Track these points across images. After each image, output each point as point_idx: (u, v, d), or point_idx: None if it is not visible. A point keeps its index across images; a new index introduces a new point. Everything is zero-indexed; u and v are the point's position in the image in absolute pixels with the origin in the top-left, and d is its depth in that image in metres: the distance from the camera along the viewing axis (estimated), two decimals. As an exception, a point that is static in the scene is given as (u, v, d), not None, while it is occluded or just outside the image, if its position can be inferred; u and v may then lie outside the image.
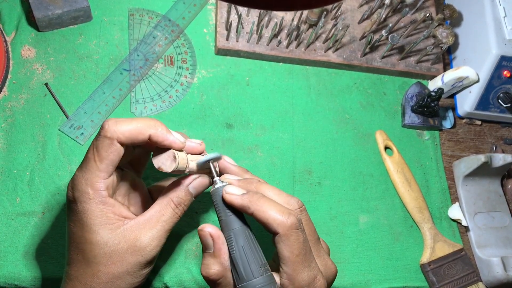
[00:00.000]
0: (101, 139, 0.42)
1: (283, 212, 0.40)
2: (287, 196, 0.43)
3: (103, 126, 0.42)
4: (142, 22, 0.66)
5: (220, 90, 0.66)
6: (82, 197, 0.41)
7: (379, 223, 0.65)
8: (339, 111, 0.69)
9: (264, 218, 0.40)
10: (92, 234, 0.41)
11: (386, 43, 0.72)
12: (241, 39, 0.67)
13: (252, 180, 0.45)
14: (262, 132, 0.65)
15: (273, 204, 0.41)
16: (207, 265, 0.42)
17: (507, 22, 0.68)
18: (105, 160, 0.42)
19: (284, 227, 0.40)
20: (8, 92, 0.59)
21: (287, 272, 0.40)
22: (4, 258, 0.53)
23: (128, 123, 0.42)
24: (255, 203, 0.41)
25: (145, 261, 0.42)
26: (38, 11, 0.59)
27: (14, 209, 0.55)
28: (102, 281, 0.41)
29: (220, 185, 0.44)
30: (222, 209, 0.43)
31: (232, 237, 0.42)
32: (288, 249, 0.40)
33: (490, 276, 0.63)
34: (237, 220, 0.42)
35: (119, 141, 0.42)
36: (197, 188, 0.45)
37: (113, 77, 0.62)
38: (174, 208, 0.44)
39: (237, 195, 0.42)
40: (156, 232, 0.42)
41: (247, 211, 0.41)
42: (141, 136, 0.42)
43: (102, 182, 0.42)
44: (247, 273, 0.40)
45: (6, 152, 0.57)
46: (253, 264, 0.41)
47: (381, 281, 0.62)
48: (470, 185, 0.69)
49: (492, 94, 0.71)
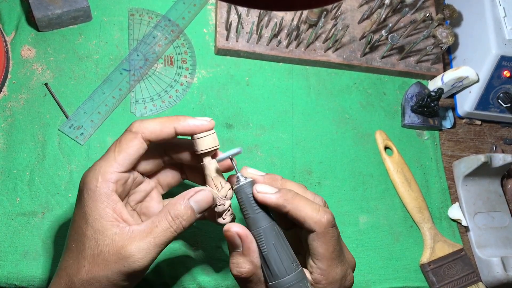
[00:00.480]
0: (125, 134, 0.43)
1: (318, 211, 0.41)
2: (311, 193, 0.44)
3: (131, 124, 0.43)
4: (142, 22, 0.66)
5: (220, 90, 0.66)
6: (90, 183, 0.41)
7: (379, 223, 0.65)
8: (339, 111, 0.69)
9: (301, 217, 0.40)
10: (87, 226, 0.41)
11: (386, 43, 0.72)
12: (241, 39, 0.67)
13: (275, 176, 0.44)
14: (262, 132, 0.65)
15: (307, 202, 0.41)
16: (237, 263, 0.41)
17: (507, 22, 0.68)
18: (123, 153, 0.42)
19: (321, 225, 0.40)
20: (8, 92, 0.59)
21: (321, 268, 0.41)
22: (4, 258, 0.53)
23: (153, 119, 0.43)
24: (291, 202, 0.41)
25: (126, 272, 0.40)
26: (38, 11, 0.59)
27: (14, 209, 0.55)
28: (82, 277, 0.40)
29: (245, 181, 0.42)
30: (250, 206, 0.42)
31: (262, 234, 0.41)
32: (325, 246, 0.40)
33: (490, 276, 0.63)
34: (266, 217, 0.42)
35: (144, 136, 0.42)
36: (199, 203, 0.42)
37: (113, 77, 0.62)
38: (170, 221, 0.41)
39: (271, 194, 0.41)
40: (144, 243, 0.40)
41: (282, 210, 0.41)
42: (166, 129, 0.43)
43: (115, 174, 0.41)
44: (281, 270, 0.40)
45: (6, 152, 0.57)
46: (286, 261, 0.41)
47: (381, 281, 0.62)
48: (470, 185, 0.69)
49: (492, 94, 0.71)
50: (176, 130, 0.43)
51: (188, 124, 0.43)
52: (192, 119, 0.43)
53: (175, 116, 0.44)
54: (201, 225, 0.59)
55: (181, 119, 0.43)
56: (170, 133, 0.43)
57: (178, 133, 0.43)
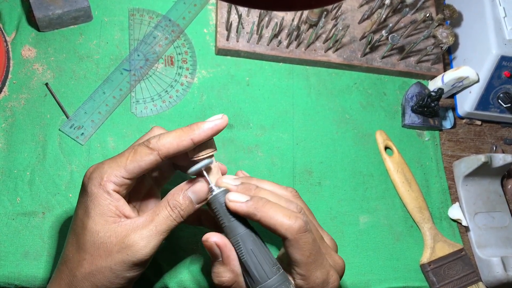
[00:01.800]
0: (142, 147, 0.42)
1: (289, 217, 0.40)
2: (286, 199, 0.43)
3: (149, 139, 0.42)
4: (143, 22, 0.66)
5: (220, 90, 0.66)
6: (95, 180, 0.42)
7: (379, 223, 0.65)
8: (339, 111, 0.69)
9: (272, 224, 0.40)
10: (88, 220, 0.41)
11: (386, 43, 0.72)
12: (241, 39, 0.67)
13: (249, 186, 0.44)
14: (262, 132, 0.65)
15: (279, 209, 0.41)
16: (218, 273, 0.42)
17: (507, 22, 0.68)
18: (135, 164, 0.42)
19: (292, 232, 0.40)
20: (9, 92, 0.59)
21: (300, 273, 0.41)
22: (5, 258, 0.53)
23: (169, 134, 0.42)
24: (261, 210, 0.41)
25: (130, 261, 0.41)
26: (39, 11, 0.59)
27: (14, 209, 0.55)
28: (84, 270, 0.41)
29: (218, 191, 0.43)
30: (224, 215, 0.42)
31: (240, 241, 0.42)
32: (299, 252, 0.40)
33: (490, 276, 0.63)
34: (241, 225, 0.42)
35: (160, 153, 0.42)
36: (197, 193, 0.43)
37: (114, 77, 0.62)
38: (169, 210, 0.42)
39: (241, 203, 0.41)
40: (146, 231, 0.41)
41: (253, 218, 0.41)
42: (183, 143, 0.42)
43: (121, 178, 0.42)
44: (261, 275, 0.41)
45: (6, 152, 0.57)
46: (265, 265, 0.41)
47: (381, 281, 0.62)
48: (470, 185, 0.69)
49: (492, 94, 0.71)
50: (193, 141, 0.42)
51: (204, 130, 0.43)
52: (206, 124, 0.43)
53: (189, 126, 0.43)
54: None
55: (195, 129, 0.43)
56: (187, 146, 0.42)
57: (196, 143, 0.43)
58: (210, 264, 0.43)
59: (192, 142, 0.42)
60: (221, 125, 0.43)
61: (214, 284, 0.42)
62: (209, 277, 0.56)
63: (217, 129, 0.43)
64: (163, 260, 0.56)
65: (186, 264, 0.57)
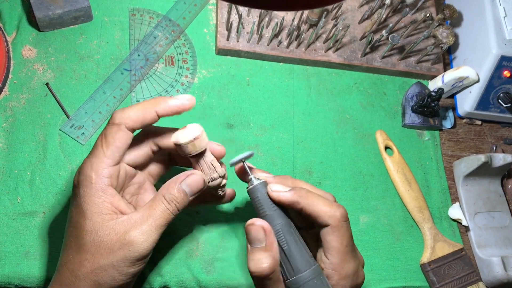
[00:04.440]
0: (109, 127, 0.43)
1: (331, 205, 0.42)
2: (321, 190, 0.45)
3: (112, 115, 0.43)
4: (143, 22, 0.66)
5: (220, 90, 0.66)
6: (85, 181, 0.42)
7: (380, 223, 0.65)
8: (340, 111, 0.69)
9: (315, 211, 0.42)
10: (85, 220, 0.41)
11: (386, 43, 0.72)
12: (242, 39, 0.67)
13: (285, 176, 0.46)
14: (263, 132, 0.65)
15: (320, 198, 0.42)
16: (259, 260, 0.40)
17: (507, 22, 0.68)
18: (111, 146, 0.42)
19: (335, 219, 0.41)
20: (9, 92, 0.59)
21: (333, 263, 0.41)
22: (5, 258, 0.53)
23: (133, 107, 0.44)
24: (305, 198, 0.42)
25: (132, 257, 0.41)
26: (39, 11, 0.60)
27: (15, 208, 0.55)
28: (86, 270, 0.41)
29: (257, 182, 0.44)
30: (266, 204, 0.43)
31: (281, 230, 0.42)
32: (339, 240, 0.41)
33: (490, 276, 0.64)
34: (283, 215, 0.43)
35: (127, 126, 0.43)
36: (191, 186, 0.44)
37: (114, 77, 0.62)
38: (166, 204, 0.43)
39: (285, 192, 0.43)
40: (146, 226, 0.41)
41: (296, 206, 0.42)
42: (148, 114, 0.43)
43: (107, 168, 0.42)
44: (300, 265, 0.41)
45: (7, 151, 0.57)
46: (304, 256, 0.42)
47: (381, 281, 0.62)
48: (470, 185, 0.69)
49: (492, 94, 0.71)
50: (157, 113, 0.44)
51: (169, 106, 0.44)
52: (172, 99, 0.44)
53: (154, 99, 0.44)
54: (201, 225, 0.59)
55: (161, 101, 0.44)
56: (152, 117, 0.44)
57: (160, 115, 0.44)
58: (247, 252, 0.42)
59: (156, 114, 0.43)
60: (187, 105, 0.44)
61: (251, 271, 0.41)
62: (211, 276, 0.56)
63: (182, 108, 0.44)
64: (162, 260, 0.56)
65: (186, 263, 0.57)
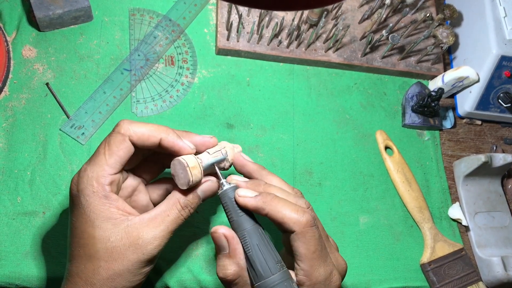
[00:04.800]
0: (114, 135, 0.43)
1: (297, 211, 0.41)
2: (294, 196, 0.44)
3: (118, 124, 0.43)
4: (143, 22, 0.66)
5: (220, 90, 0.66)
6: (86, 190, 0.42)
7: (380, 223, 0.65)
8: (340, 112, 0.69)
9: (280, 218, 0.41)
10: (94, 229, 0.41)
11: (386, 43, 0.72)
12: (242, 39, 0.67)
13: (259, 182, 0.46)
14: (263, 133, 0.65)
15: (286, 203, 0.42)
16: (223, 266, 0.42)
17: (507, 22, 0.68)
18: (115, 156, 0.42)
19: (300, 225, 0.41)
20: (9, 92, 0.59)
21: (304, 269, 0.41)
22: (5, 258, 0.53)
23: (142, 124, 0.44)
24: (269, 204, 0.42)
25: (146, 259, 0.42)
26: (39, 11, 0.60)
27: (15, 208, 0.55)
28: (102, 277, 0.41)
29: (228, 186, 0.44)
30: (233, 210, 0.43)
31: (246, 236, 0.42)
32: (305, 246, 0.41)
33: (491, 275, 0.64)
34: (249, 220, 0.43)
35: (131, 139, 0.43)
36: (205, 192, 0.45)
37: (114, 77, 0.62)
38: (180, 210, 0.43)
39: (250, 197, 0.43)
40: (159, 231, 0.42)
41: (261, 212, 0.42)
42: (152, 138, 0.43)
43: (108, 177, 0.42)
44: (265, 271, 0.41)
45: (7, 151, 0.57)
46: (270, 261, 0.42)
47: (381, 281, 0.62)
48: (470, 185, 0.69)
49: (492, 94, 0.71)
50: (161, 142, 0.44)
51: (173, 142, 0.44)
52: (179, 140, 0.44)
53: (165, 127, 0.44)
54: (201, 225, 0.59)
55: (170, 133, 0.44)
56: (155, 142, 0.44)
57: (162, 145, 0.44)
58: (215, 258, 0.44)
59: (158, 142, 0.44)
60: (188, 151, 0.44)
61: (218, 277, 0.42)
62: (211, 276, 0.57)
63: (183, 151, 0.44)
64: (163, 260, 0.56)
65: (186, 263, 0.57)
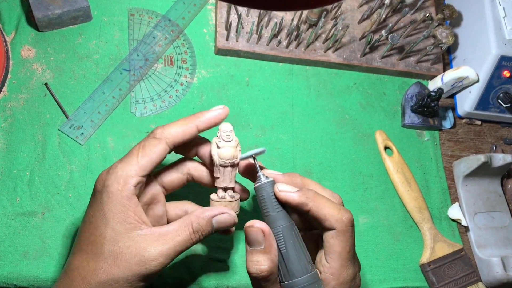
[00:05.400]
0: (148, 139, 0.44)
1: (339, 209, 0.41)
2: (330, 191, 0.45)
3: (153, 130, 0.44)
4: (142, 22, 0.66)
5: (220, 90, 0.66)
6: (112, 186, 0.41)
7: (379, 224, 0.65)
8: (339, 112, 0.69)
9: (322, 214, 0.41)
10: (107, 228, 0.41)
11: (386, 43, 0.72)
12: (241, 39, 0.67)
13: (294, 174, 0.45)
14: (262, 133, 0.65)
15: (328, 201, 0.42)
16: (257, 261, 0.41)
17: (507, 22, 0.68)
18: (147, 158, 0.43)
19: (342, 224, 0.41)
20: (8, 92, 0.59)
21: (333, 267, 0.41)
22: (4, 258, 0.53)
23: (174, 123, 0.45)
24: (312, 200, 0.41)
25: (147, 274, 0.41)
26: (38, 11, 0.59)
27: (14, 209, 0.55)
28: (100, 279, 0.41)
29: (265, 180, 0.43)
30: (271, 205, 0.42)
31: (282, 233, 0.42)
32: (342, 244, 0.41)
33: (490, 276, 0.63)
34: (286, 216, 0.42)
35: (167, 142, 0.44)
36: (220, 223, 0.44)
37: (113, 77, 0.62)
38: (191, 233, 0.43)
39: (292, 193, 0.42)
40: (166, 249, 0.41)
41: (304, 208, 0.41)
42: (189, 130, 0.44)
43: (137, 178, 0.42)
44: (297, 270, 0.41)
45: (6, 152, 0.57)
46: (303, 260, 0.41)
47: (381, 281, 0.62)
48: (470, 185, 0.69)
49: (492, 94, 0.71)
50: (198, 128, 0.45)
51: (208, 118, 0.45)
52: (210, 112, 0.46)
53: (193, 115, 0.46)
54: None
55: (200, 116, 0.45)
56: (192, 133, 0.45)
57: (200, 130, 0.45)
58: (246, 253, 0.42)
59: (197, 129, 0.45)
60: (223, 114, 0.46)
61: (250, 272, 0.41)
62: (211, 277, 0.56)
63: (220, 118, 0.46)
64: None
65: (186, 263, 0.57)
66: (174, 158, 0.50)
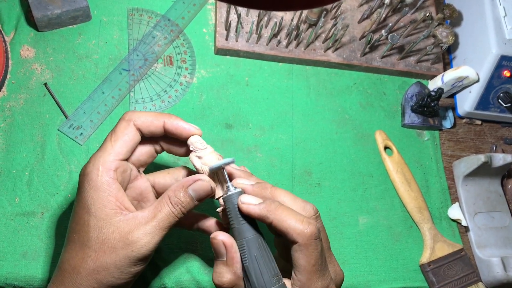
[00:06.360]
0: (118, 123, 0.45)
1: (302, 222, 0.40)
2: (302, 201, 0.43)
3: (123, 114, 0.45)
4: (141, 22, 0.66)
5: (219, 90, 0.66)
6: (92, 173, 0.42)
7: (379, 224, 0.65)
8: (339, 112, 0.69)
9: (284, 227, 0.40)
10: (90, 216, 0.41)
11: (386, 43, 0.71)
12: (241, 39, 0.66)
13: (265, 185, 0.44)
14: (262, 133, 0.65)
15: (292, 213, 0.40)
16: (220, 273, 0.41)
17: (507, 22, 0.68)
18: (120, 140, 0.44)
19: (304, 237, 0.39)
20: (7, 92, 0.59)
21: (301, 281, 0.40)
22: (3, 258, 0.52)
23: (145, 112, 0.46)
24: (274, 213, 0.40)
25: (135, 257, 0.41)
26: (37, 11, 0.59)
27: (13, 209, 0.55)
28: (89, 267, 0.41)
29: (234, 191, 0.43)
30: (235, 217, 0.42)
31: (245, 245, 0.41)
32: (306, 258, 0.40)
33: (490, 276, 0.63)
34: (250, 229, 0.42)
35: (136, 124, 0.44)
36: (197, 191, 0.43)
37: (113, 77, 0.62)
38: (171, 207, 0.42)
39: (254, 205, 0.41)
40: (149, 228, 0.41)
41: (265, 220, 0.41)
42: (156, 122, 0.45)
43: (114, 162, 0.43)
44: (260, 283, 0.40)
45: (5, 152, 0.56)
46: (266, 274, 0.40)
47: (380, 281, 0.62)
48: (470, 185, 0.69)
49: (492, 93, 0.70)
50: (165, 126, 0.45)
51: (177, 123, 0.45)
52: (182, 121, 0.45)
53: (168, 113, 0.46)
54: (200, 225, 0.59)
55: (172, 117, 0.45)
56: (159, 126, 0.45)
57: (166, 129, 0.45)
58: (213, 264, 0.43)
59: (164, 125, 0.45)
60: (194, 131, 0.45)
61: (214, 283, 0.42)
62: (209, 277, 0.56)
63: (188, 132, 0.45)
64: (161, 260, 0.56)
65: (185, 263, 0.57)
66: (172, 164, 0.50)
